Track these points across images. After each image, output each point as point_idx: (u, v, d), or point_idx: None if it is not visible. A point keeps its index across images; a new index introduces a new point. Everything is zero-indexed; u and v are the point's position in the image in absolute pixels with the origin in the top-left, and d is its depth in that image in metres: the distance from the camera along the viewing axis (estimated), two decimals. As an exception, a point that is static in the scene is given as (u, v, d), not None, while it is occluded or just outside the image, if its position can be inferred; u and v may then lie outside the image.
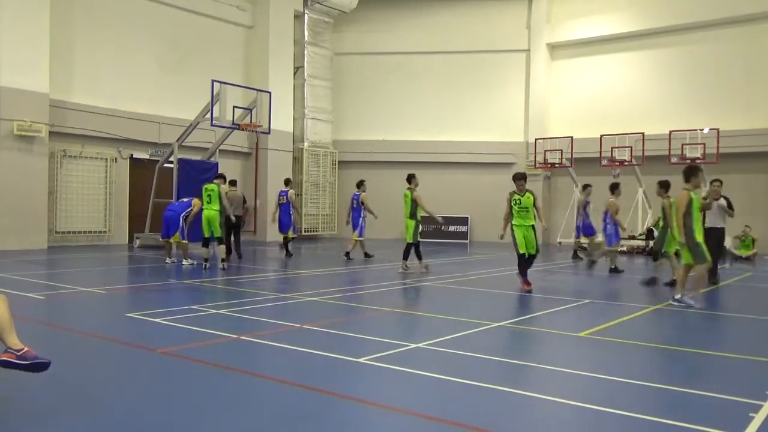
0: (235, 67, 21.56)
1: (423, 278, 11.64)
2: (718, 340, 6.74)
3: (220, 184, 12.74)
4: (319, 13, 23.19)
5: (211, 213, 12.35)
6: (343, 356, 5.36)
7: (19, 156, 15.53)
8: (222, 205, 12.47)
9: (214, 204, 12.40)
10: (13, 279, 9.86)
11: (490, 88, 24.59)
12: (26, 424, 3.76)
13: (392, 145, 24.34)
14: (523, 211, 9.80)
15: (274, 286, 10.78)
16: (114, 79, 18.20)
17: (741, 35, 20.85)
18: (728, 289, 11.24)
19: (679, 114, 21.18)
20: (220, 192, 12.51)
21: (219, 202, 12.43)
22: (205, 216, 12.40)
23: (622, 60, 23.04)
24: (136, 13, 18.91)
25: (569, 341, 6.40)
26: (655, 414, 4.06)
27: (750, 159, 20.00)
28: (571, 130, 22.01)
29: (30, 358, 3.91)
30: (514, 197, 9.89)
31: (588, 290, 10.83)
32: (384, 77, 25.04)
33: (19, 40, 15.36)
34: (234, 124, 15.82)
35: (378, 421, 3.98)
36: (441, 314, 7.87)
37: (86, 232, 17.66)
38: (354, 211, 15.04)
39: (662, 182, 10.62)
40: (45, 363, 3.96)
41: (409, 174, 12.76)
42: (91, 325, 6.92)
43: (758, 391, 4.50)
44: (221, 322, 6.95)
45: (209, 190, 12.57)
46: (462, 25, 24.82)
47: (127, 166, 18.73)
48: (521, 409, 4.24)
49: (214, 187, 12.59)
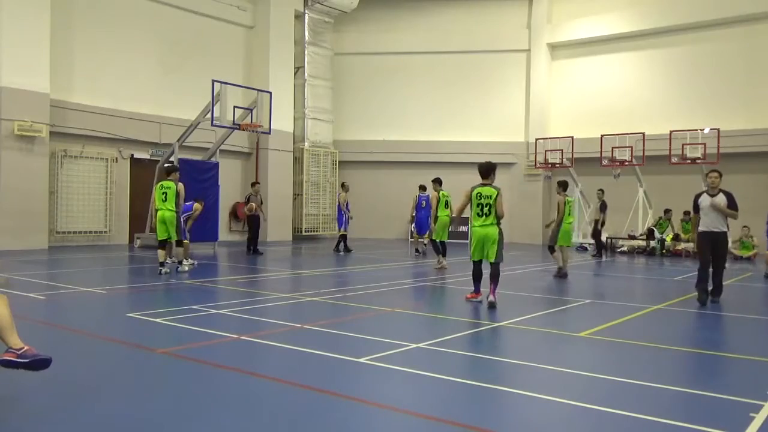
0: (235, 67, 21.57)
1: (423, 278, 11.64)
2: (718, 340, 6.74)
3: (176, 181, 11.56)
4: (319, 13, 23.19)
5: (166, 213, 11.25)
6: (343, 356, 5.36)
7: (20, 156, 15.54)
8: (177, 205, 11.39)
9: (170, 203, 11.29)
10: (14, 279, 9.86)
11: (491, 88, 24.59)
12: (26, 424, 3.76)
13: (392, 145, 24.35)
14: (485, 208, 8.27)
15: (274, 285, 10.78)
16: (114, 79, 18.21)
17: (741, 35, 20.84)
18: (728, 289, 11.22)
19: (679, 114, 21.17)
20: (177, 191, 11.41)
21: (174, 201, 11.33)
22: (159, 217, 11.27)
23: (623, 60, 23.03)
24: (136, 13, 18.92)
25: (569, 341, 6.40)
26: (655, 414, 4.06)
27: (751, 159, 19.99)
28: (571, 130, 22.01)
29: (30, 356, 3.92)
30: (476, 191, 8.35)
31: (588, 290, 10.83)
32: (384, 77, 25.04)
33: (20, 40, 15.37)
34: (234, 124, 15.83)
35: (378, 421, 3.99)
36: (441, 314, 7.88)
37: (87, 232, 17.67)
38: (421, 211, 15.91)
39: (560, 182, 12.41)
40: (46, 359, 3.97)
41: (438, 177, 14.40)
42: (91, 325, 6.92)
43: (758, 391, 4.50)
44: (221, 322, 6.95)
45: (164, 188, 11.36)
46: (462, 25, 24.82)
47: (127, 166, 18.74)
48: (521, 409, 4.24)
49: (170, 184, 11.41)
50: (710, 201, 8.73)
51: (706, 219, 8.77)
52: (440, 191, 13.60)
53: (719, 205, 8.70)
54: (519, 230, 23.64)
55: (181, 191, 11.51)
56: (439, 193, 13.51)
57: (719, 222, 8.76)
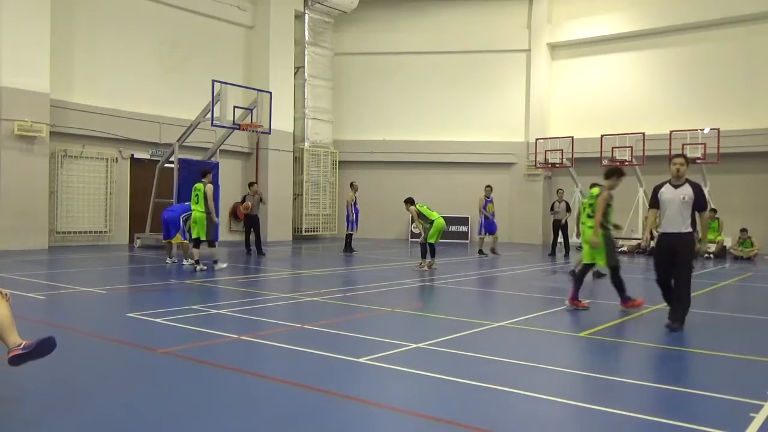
0: (235, 67, 21.57)
1: (423, 278, 11.64)
2: (718, 340, 6.73)
3: (206, 184, 12.29)
4: (319, 13, 23.19)
5: (197, 214, 12.10)
6: (343, 356, 5.36)
7: (20, 156, 15.54)
8: (207, 206, 12.11)
9: (200, 205, 12.12)
10: (14, 279, 9.86)
11: (491, 88, 24.58)
12: (27, 424, 3.76)
13: (393, 145, 24.35)
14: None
15: (274, 285, 10.78)
16: (114, 79, 18.21)
17: (741, 35, 20.83)
18: (728, 289, 11.24)
19: (679, 114, 21.17)
20: (206, 192, 12.14)
21: (205, 202, 12.08)
22: (192, 218, 12.18)
23: (623, 60, 23.02)
24: (136, 13, 18.92)
25: (569, 341, 6.40)
26: (656, 414, 4.06)
27: (751, 159, 20.00)
28: (571, 130, 22.02)
29: (33, 343, 3.98)
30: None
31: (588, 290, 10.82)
32: (384, 77, 25.04)
33: (20, 41, 15.37)
34: (235, 124, 15.83)
35: (378, 421, 3.99)
36: (441, 314, 7.88)
37: (87, 232, 17.67)
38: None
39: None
40: (49, 338, 4.03)
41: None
42: (91, 325, 6.92)
43: (758, 391, 4.50)
44: (221, 322, 6.95)
45: (196, 190, 12.28)
46: (462, 25, 24.82)
47: (127, 166, 18.74)
48: (521, 409, 4.24)
49: (201, 186, 12.24)
50: (675, 194, 6.95)
51: (668, 216, 6.98)
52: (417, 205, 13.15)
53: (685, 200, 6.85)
54: (519, 230, 23.66)
55: (209, 193, 12.15)
56: (416, 205, 13.07)
57: (682, 220, 6.88)
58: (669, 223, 6.94)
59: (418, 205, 13.19)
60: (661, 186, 7.16)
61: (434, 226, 12.89)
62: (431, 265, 12.95)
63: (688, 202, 6.86)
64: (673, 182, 7.04)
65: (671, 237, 6.92)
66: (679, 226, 6.87)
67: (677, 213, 6.88)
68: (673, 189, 7.00)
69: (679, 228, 6.87)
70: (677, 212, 6.88)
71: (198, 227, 12.11)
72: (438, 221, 12.91)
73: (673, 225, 6.90)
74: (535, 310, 8.24)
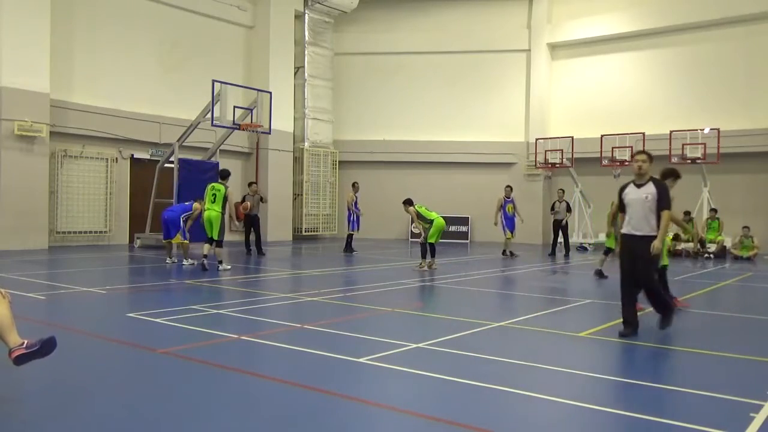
0: (235, 67, 21.56)
1: (424, 278, 11.64)
2: (718, 340, 6.73)
3: (226, 185, 12.45)
4: (319, 13, 23.18)
5: (213, 213, 12.18)
6: (343, 356, 5.37)
7: (20, 156, 15.53)
8: (228, 209, 12.32)
9: (217, 205, 12.21)
10: (14, 279, 9.86)
11: (491, 88, 24.57)
12: (27, 424, 3.76)
13: (392, 145, 24.34)
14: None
15: (274, 285, 10.79)
16: (114, 79, 18.20)
17: (742, 35, 20.83)
18: (728, 289, 11.24)
19: (679, 114, 21.16)
20: (225, 194, 12.28)
21: (223, 203, 12.23)
22: (206, 216, 12.25)
23: (623, 60, 23.02)
24: (136, 13, 18.91)
25: (569, 341, 6.40)
26: (656, 414, 4.06)
27: (751, 159, 19.99)
28: (571, 130, 22.01)
29: (36, 342, 4.00)
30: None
31: (588, 290, 10.82)
32: (384, 77, 25.04)
33: (20, 41, 15.36)
34: (235, 124, 15.82)
35: (378, 421, 3.99)
36: (441, 314, 7.88)
37: (87, 232, 17.66)
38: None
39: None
40: (51, 338, 4.06)
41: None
42: (91, 325, 6.92)
43: (758, 391, 4.50)
44: (221, 322, 6.95)
45: (215, 189, 12.32)
46: (462, 25, 24.81)
47: (127, 166, 18.73)
48: (521, 409, 4.24)
49: (221, 187, 12.34)
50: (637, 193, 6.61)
51: (631, 217, 6.64)
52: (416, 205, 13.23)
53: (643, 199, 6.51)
54: (519, 230, 23.54)
55: (230, 196, 12.38)
56: (414, 206, 13.13)
57: (646, 222, 6.53)
58: (631, 224, 6.62)
59: (417, 205, 13.20)
60: (625, 186, 6.87)
61: (434, 226, 12.91)
62: (431, 265, 12.96)
63: (651, 201, 6.50)
64: (636, 181, 6.72)
65: (632, 239, 6.59)
66: (641, 228, 6.53)
67: (641, 215, 6.54)
68: (636, 188, 6.68)
69: (641, 230, 6.53)
70: (641, 214, 6.54)
71: (213, 227, 12.12)
72: (437, 221, 12.92)
73: (636, 227, 6.58)
74: (535, 310, 8.24)
